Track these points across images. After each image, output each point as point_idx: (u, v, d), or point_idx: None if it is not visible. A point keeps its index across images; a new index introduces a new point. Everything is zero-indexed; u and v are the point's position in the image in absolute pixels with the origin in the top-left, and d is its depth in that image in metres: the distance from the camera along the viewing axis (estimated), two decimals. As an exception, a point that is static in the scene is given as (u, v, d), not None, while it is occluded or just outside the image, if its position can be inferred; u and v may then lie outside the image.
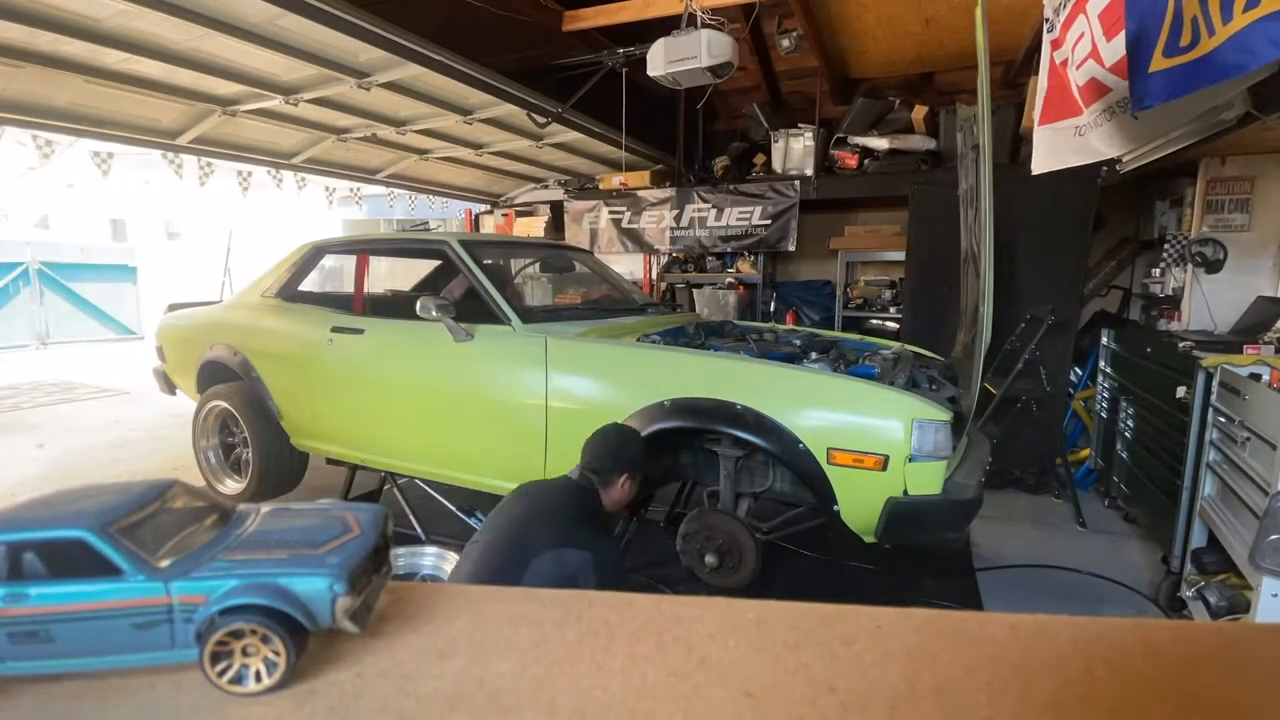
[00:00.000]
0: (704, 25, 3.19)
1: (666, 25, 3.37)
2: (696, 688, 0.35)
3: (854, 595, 2.81)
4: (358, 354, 3.06)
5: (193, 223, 16.56)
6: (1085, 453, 4.27)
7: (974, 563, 3.09)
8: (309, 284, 3.70)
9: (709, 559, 2.50)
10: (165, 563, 0.41)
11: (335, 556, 0.43)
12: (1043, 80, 2.74)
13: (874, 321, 5.16)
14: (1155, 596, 2.73)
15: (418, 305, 2.68)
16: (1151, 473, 3.07)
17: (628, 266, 5.79)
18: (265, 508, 0.52)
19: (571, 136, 4.79)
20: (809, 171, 5.02)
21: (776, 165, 5.19)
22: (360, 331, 3.08)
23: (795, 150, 5.10)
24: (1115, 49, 2.10)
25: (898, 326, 4.79)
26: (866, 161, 4.85)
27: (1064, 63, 2.54)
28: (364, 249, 3.50)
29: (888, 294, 5.23)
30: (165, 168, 4.85)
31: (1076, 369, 4.29)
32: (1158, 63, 1.64)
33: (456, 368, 2.80)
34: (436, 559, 2.42)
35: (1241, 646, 0.38)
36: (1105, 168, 3.44)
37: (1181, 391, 2.70)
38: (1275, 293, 3.40)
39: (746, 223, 5.20)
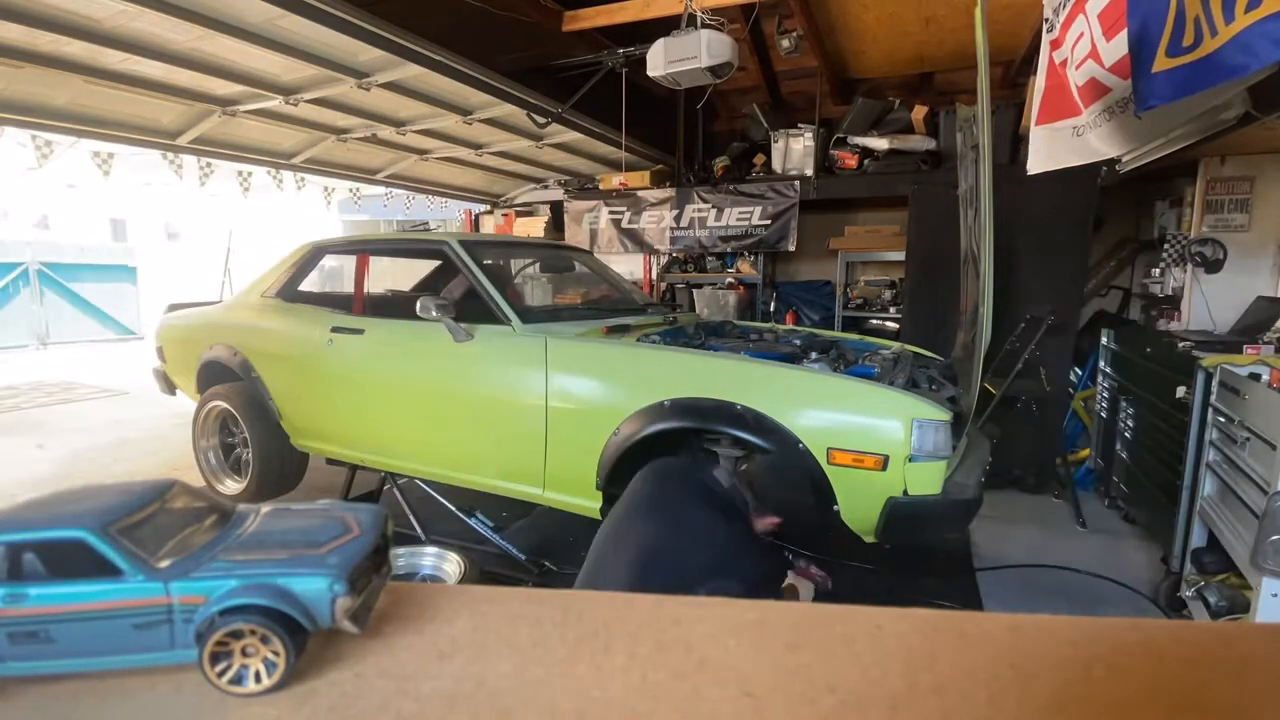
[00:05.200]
0: (704, 25, 3.19)
1: (666, 25, 3.37)
2: (696, 688, 0.35)
3: (854, 595, 2.80)
4: (358, 354, 3.06)
5: (193, 223, 16.58)
6: (1085, 453, 4.27)
7: (974, 563, 3.09)
8: (309, 284, 3.70)
9: (709, 559, 2.50)
10: (165, 563, 0.41)
11: (335, 557, 0.43)
12: (1041, 80, 2.74)
13: (874, 321, 5.16)
14: (1155, 596, 2.73)
15: (418, 305, 2.68)
16: (1151, 473, 3.07)
17: (628, 266, 5.79)
18: (265, 508, 0.52)
19: (571, 136, 4.79)
20: (809, 171, 5.02)
21: (776, 165, 5.19)
22: (360, 332, 3.08)
23: (795, 150, 5.10)
24: (1115, 49, 2.10)
25: (898, 326, 4.79)
26: (866, 161, 4.85)
27: (1063, 63, 2.54)
28: (364, 249, 3.50)
29: (888, 294, 5.23)
30: (165, 168, 4.85)
31: (1076, 369, 4.29)
32: (1161, 63, 1.64)
33: (456, 368, 2.80)
34: (436, 559, 2.42)
35: (1241, 646, 0.38)
36: (1105, 168, 3.44)
37: (1181, 391, 2.70)
38: (1275, 293, 3.40)
39: (746, 223, 5.20)
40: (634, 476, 2.07)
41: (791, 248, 5.13)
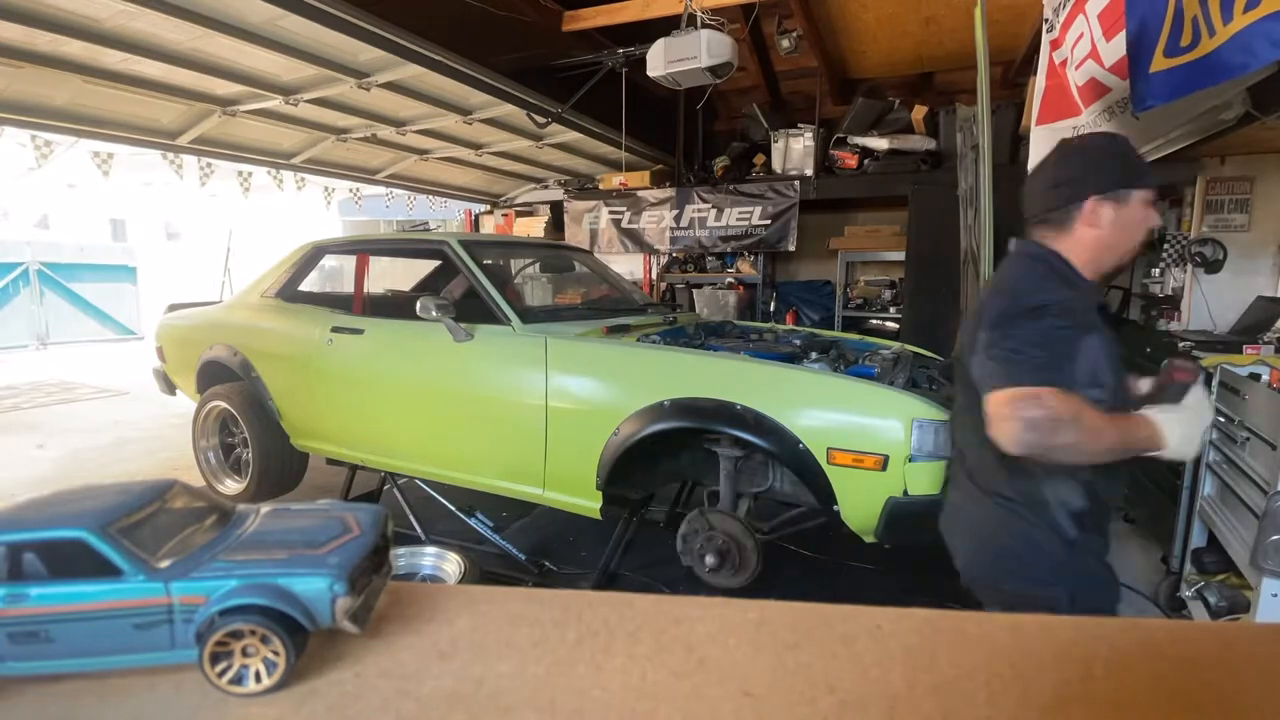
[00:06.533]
0: (704, 25, 3.19)
1: (666, 25, 3.37)
2: (696, 688, 0.35)
3: (854, 595, 2.80)
4: (357, 354, 3.06)
5: (193, 223, 16.57)
6: (1085, 453, 4.26)
7: (974, 563, 3.09)
8: (309, 284, 3.70)
9: (709, 559, 2.50)
10: (165, 563, 0.41)
11: (335, 557, 0.43)
12: (1041, 80, 2.74)
13: (874, 321, 5.16)
14: (1155, 596, 2.73)
15: (418, 305, 2.68)
16: (1151, 472, 3.07)
17: (628, 266, 5.79)
18: (265, 508, 0.52)
19: (571, 136, 4.79)
20: (809, 171, 5.02)
21: (776, 165, 5.19)
22: (360, 332, 3.08)
23: (795, 150, 5.10)
24: (1115, 49, 2.10)
25: (898, 326, 4.79)
26: (866, 161, 4.85)
27: (1063, 63, 2.54)
28: (364, 249, 3.50)
29: (888, 294, 5.24)
30: (165, 168, 4.85)
31: (1076, 369, 4.29)
32: (1159, 63, 1.64)
33: (456, 368, 2.80)
34: (436, 559, 2.42)
35: (1241, 646, 0.38)
36: (1105, 168, 3.43)
37: (1181, 391, 2.69)
38: (1275, 293, 3.41)
39: (746, 223, 5.20)
40: None
41: (791, 248, 5.13)
